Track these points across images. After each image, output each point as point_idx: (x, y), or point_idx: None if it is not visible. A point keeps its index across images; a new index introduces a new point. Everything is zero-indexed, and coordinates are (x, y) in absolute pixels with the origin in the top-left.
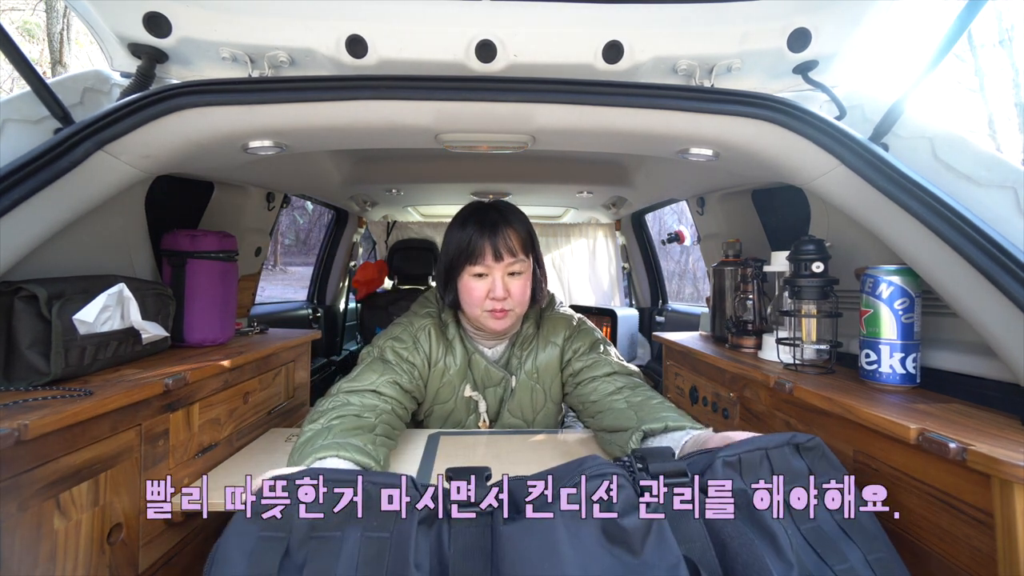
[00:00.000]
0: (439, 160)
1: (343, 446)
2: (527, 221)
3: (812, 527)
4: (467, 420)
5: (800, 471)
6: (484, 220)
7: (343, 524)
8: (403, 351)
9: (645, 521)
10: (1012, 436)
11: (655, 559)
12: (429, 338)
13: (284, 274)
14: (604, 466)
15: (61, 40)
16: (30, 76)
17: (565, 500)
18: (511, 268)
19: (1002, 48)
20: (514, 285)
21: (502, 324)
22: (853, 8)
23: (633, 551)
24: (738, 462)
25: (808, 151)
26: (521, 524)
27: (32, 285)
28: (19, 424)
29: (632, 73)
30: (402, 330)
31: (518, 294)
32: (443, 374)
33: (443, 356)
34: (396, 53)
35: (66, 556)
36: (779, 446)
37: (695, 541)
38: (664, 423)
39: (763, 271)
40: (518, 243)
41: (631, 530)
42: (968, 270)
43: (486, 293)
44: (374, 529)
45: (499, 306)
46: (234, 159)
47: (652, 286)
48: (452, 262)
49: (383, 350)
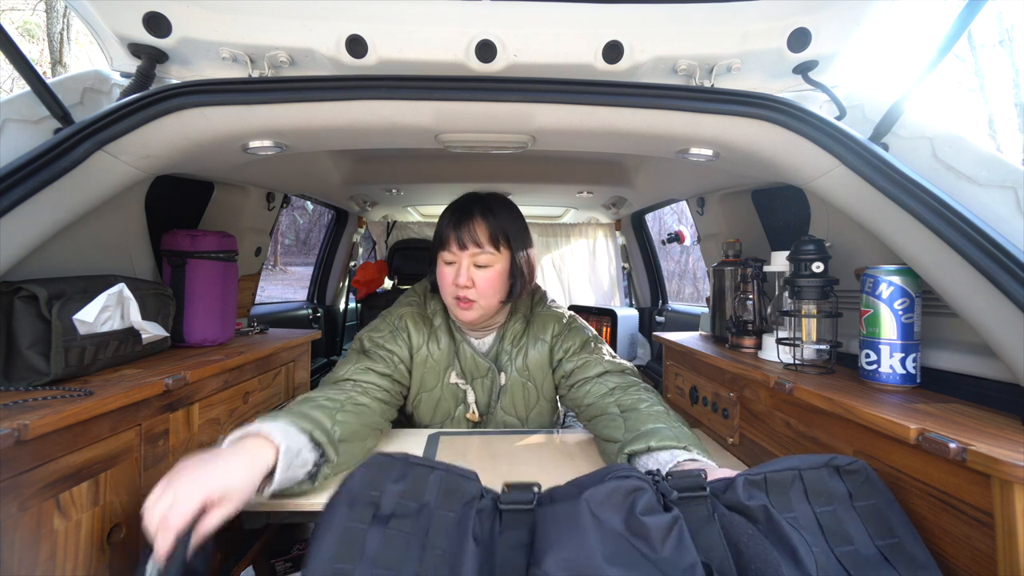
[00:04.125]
0: (439, 160)
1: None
2: (509, 216)
3: (849, 551)
4: (456, 411)
5: (838, 493)
6: (460, 209)
7: (421, 498)
8: (380, 339)
9: (666, 523)
10: (1012, 436)
11: (674, 557)
12: (408, 326)
13: (284, 274)
14: (627, 471)
15: (61, 40)
16: (30, 76)
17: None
18: (476, 259)
19: (1002, 48)
20: (479, 276)
21: (468, 315)
22: (853, 8)
23: (653, 547)
24: (763, 481)
25: (808, 151)
26: (552, 506)
27: (32, 285)
28: (19, 424)
29: (632, 73)
30: (380, 321)
31: (483, 286)
32: (426, 360)
33: (425, 342)
34: (396, 53)
35: (66, 556)
36: (816, 467)
37: (713, 550)
38: (647, 443)
39: (763, 271)
40: (484, 235)
41: (652, 527)
42: (968, 270)
43: (452, 279)
44: (443, 507)
45: (462, 294)
46: (234, 159)
47: (652, 286)
48: (433, 247)
49: (361, 341)
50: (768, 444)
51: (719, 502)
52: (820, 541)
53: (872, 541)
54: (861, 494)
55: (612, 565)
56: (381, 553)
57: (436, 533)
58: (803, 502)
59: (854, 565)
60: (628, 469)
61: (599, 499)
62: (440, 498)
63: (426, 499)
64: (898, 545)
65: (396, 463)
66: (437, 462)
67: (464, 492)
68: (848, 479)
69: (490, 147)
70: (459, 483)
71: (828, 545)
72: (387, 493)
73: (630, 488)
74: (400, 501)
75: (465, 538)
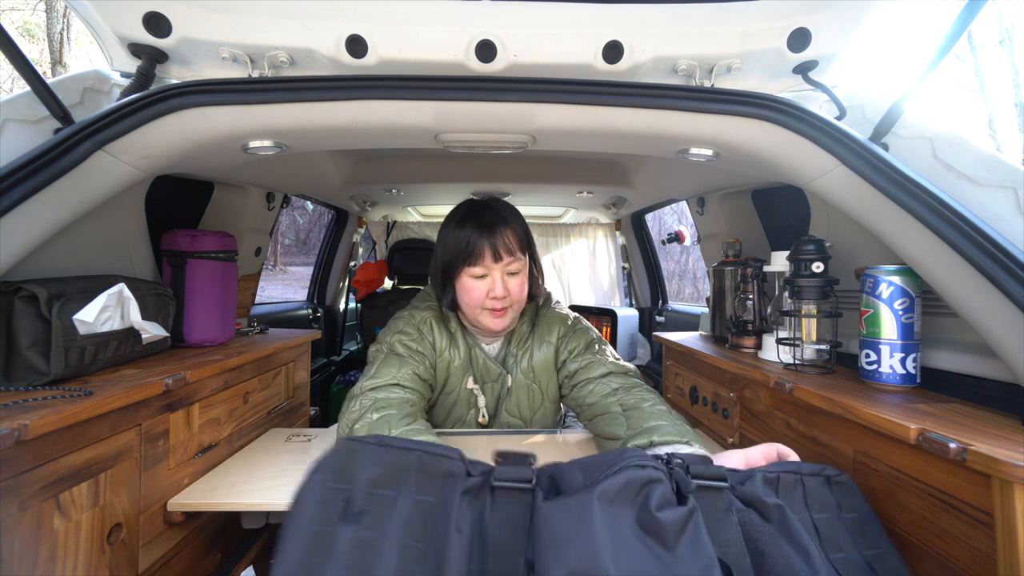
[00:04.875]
0: (439, 160)
1: (418, 432)
2: (522, 219)
3: (841, 558)
4: (468, 415)
5: (829, 503)
6: (482, 220)
7: (397, 485)
8: (411, 343)
9: (682, 518)
10: (1012, 436)
11: (689, 556)
12: (432, 330)
13: (284, 274)
14: (644, 459)
15: (61, 40)
16: (30, 76)
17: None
18: (509, 268)
19: (1002, 48)
20: (512, 284)
21: (501, 323)
22: (853, 8)
23: (667, 545)
24: (777, 479)
25: (808, 151)
26: (558, 502)
27: (32, 285)
28: (19, 424)
29: (632, 73)
30: (405, 323)
31: (516, 292)
32: (448, 365)
33: (447, 347)
34: (396, 53)
35: (66, 556)
36: (813, 474)
37: (731, 546)
38: (649, 438)
39: (763, 271)
40: (516, 242)
41: (667, 524)
42: (968, 270)
43: (486, 293)
44: (424, 493)
45: (499, 305)
46: (234, 159)
47: (652, 286)
48: (450, 263)
49: (392, 345)
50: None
51: (734, 495)
52: (817, 547)
53: (859, 551)
54: (847, 505)
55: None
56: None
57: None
58: (803, 507)
59: (847, 573)
60: (643, 456)
61: (612, 494)
62: (419, 483)
63: (403, 486)
64: (881, 556)
65: (368, 447)
66: (414, 441)
67: (447, 473)
68: (836, 490)
69: (490, 147)
70: (440, 464)
71: (824, 551)
72: (359, 484)
73: (645, 479)
74: (373, 492)
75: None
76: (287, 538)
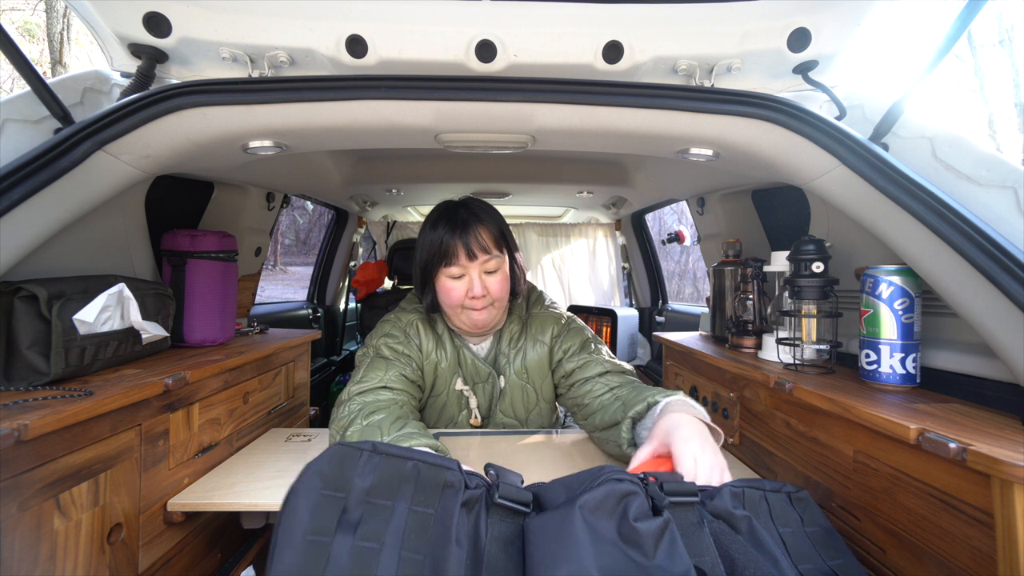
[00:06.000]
0: (439, 160)
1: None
2: (499, 217)
3: (810, 568)
4: (459, 416)
5: (793, 519)
6: (455, 220)
7: (394, 494)
8: (397, 346)
9: (658, 528)
10: (1012, 436)
11: (667, 563)
12: (419, 332)
13: (284, 274)
14: (621, 473)
15: (61, 40)
16: (30, 76)
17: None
18: (486, 266)
19: (1002, 48)
20: (491, 282)
21: (483, 316)
22: (853, 8)
23: (646, 554)
24: (742, 494)
25: (808, 151)
26: (544, 516)
27: (32, 285)
28: (19, 424)
29: (632, 73)
30: (391, 326)
31: (496, 290)
32: (436, 367)
33: (434, 349)
34: (396, 53)
35: (66, 556)
36: (775, 491)
37: (705, 555)
38: (646, 401)
39: (763, 271)
40: (490, 240)
41: (644, 533)
42: (968, 270)
43: (464, 293)
44: (421, 504)
45: (479, 304)
46: (234, 159)
47: (652, 286)
48: (427, 264)
49: (378, 348)
50: (768, 444)
51: (705, 509)
52: (786, 558)
53: (824, 562)
54: (808, 520)
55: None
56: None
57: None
58: (770, 522)
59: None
60: (620, 471)
61: (592, 506)
62: (416, 493)
63: (400, 495)
64: (844, 566)
65: (363, 453)
66: (411, 450)
67: (445, 484)
68: (798, 506)
69: (490, 147)
70: (438, 474)
71: (792, 562)
72: (354, 492)
73: (623, 493)
74: (370, 501)
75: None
76: (280, 546)
